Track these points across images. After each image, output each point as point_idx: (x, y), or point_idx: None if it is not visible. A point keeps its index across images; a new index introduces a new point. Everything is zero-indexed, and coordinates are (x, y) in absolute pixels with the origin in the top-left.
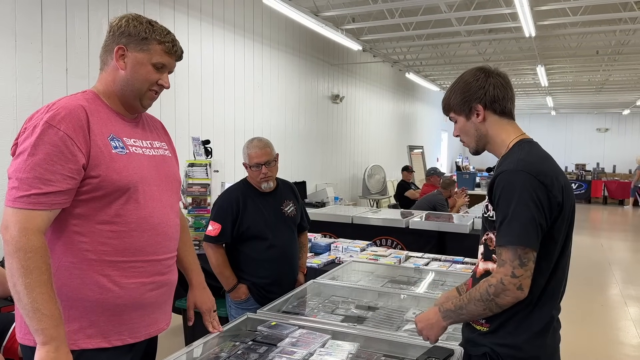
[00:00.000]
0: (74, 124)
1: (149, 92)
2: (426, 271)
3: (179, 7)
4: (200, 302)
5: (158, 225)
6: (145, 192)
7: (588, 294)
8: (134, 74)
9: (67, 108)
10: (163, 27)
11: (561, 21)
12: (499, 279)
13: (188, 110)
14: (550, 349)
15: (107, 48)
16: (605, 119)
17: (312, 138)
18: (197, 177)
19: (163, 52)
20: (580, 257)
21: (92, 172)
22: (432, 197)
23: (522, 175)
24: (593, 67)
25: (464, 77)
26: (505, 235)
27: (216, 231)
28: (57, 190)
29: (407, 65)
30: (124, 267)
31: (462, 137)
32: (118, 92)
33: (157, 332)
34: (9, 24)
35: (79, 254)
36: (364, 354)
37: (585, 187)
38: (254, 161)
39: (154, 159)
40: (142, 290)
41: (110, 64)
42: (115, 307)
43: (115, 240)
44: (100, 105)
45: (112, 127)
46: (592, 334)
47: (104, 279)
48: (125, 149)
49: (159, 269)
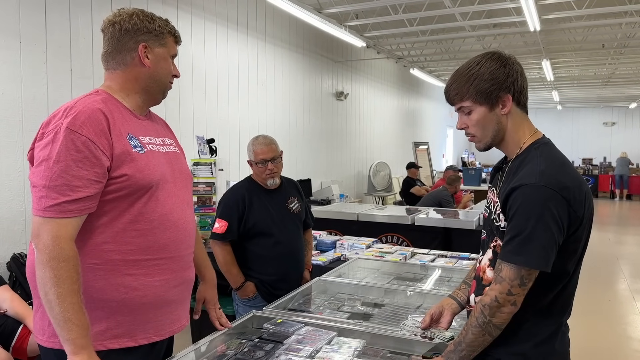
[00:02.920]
0: (95, 128)
1: (169, 84)
2: (432, 268)
3: (182, 6)
4: (210, 297)
5: (178, 222)
6: (164, 189)
7: (596, 289)
8: (159, 69)
9: (86, 112)
10: (163, 18)
11: (566, 15)
12: (493, 298)
13: (192, 109)
14: (560, 355)
15: (123, 47)
16: (612, 113)
17: (316, 135)
18: (202, 176)
19: (174, 43)
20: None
21: (115, 173)
22: (438, 194)
23: (544, 191)
24: (599, 61)
25: (483, 62)
26: (515, 253)
27: (223, 228)
28: (86, 196)
29: (411, 61)
30: (148, 265)
31: (474, 131)
32: (142, 88)
33: (180, 328)
34: (13, 25)
35: (103, 255)
36: (370, 351)
37: (592, 182)
38: (260, 157)
39: (168, 155)
40: (166, 287)
41: (129, 63)
42: (141, 306)
43: (138, 239)
44: (115, 105)
45: (129, 127)
46: (600, 329)
47: (129, 278)
48: (143, 147)
49: (181, 265)
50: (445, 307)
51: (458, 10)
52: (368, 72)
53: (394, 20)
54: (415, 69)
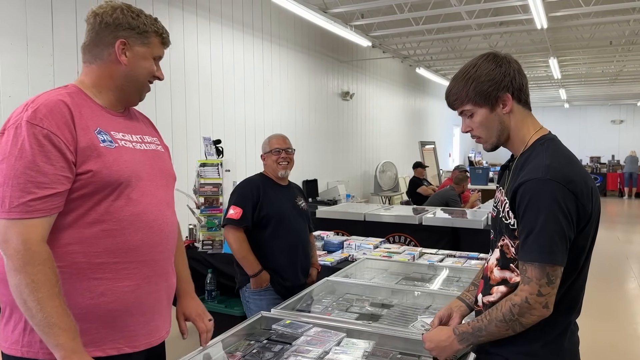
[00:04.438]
0: (57, 120)
1: (147, 84)
2: (440, 267)
3: (188, 8)
4: (190, 310)
5: (153, 223)
6: (138, 187)
7: (605, 288)
8: (137, 68)
9: (48, 104)
10: (152, 16)
11: (573, 12)
12: (523, 298)
13: (199, 110)
14: (569, 353)
15: (101, 41)
16: (620, 111)
17: (322, 136)
18: (209, 177)
19: (160, 44)
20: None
21: (80, 169)
22: (445, 193)
23: (551, 185)
24: (607, 58)
25: (480, 64)
26: (532, 251)
27: (238, 214)
28: (53, 193)
29: (417, 61)
30: (117, 269)
31: (479, 132)
32: (116, 87)
33: (158, 340)
34: (20, 28)
35: (67, 257)
36: (379, 352)
37: (600, 180)
38: (275, 146)
39: (146, 153)
40: (138, 294)
41: (105, 58)
42: (108, 313)
43: (106, 239)
44: (85, 100)
45: (98, 121)
46: (610, 329)
47: (95, 282)
48: (113, 142)
49: (156, 270)
50: (454, 309)
51: (464, 8)
52: (374, 71)
53: (400, 19)
54: (421, 68)
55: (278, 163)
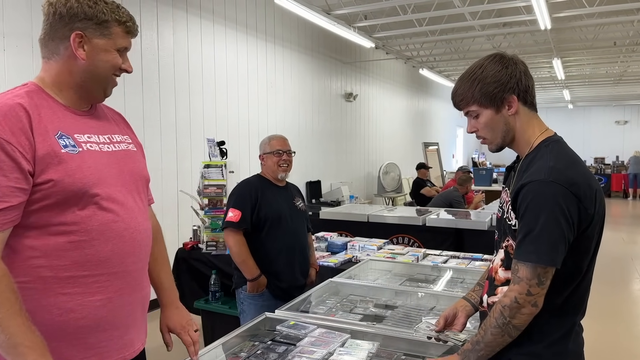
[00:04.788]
0: (11, 126)
1: (112, 79)
2: (444, 269)
3: (192, 10)
4: (173, 322)
5: (124, 231)
6: (106, 194)
7: (610, 290)
8: (97, 62)
9: (3, 109)
10: (115, 3)
11: (577, 12)
12: (512, 298)
13: (202, 112)
14: (574, 355)
15: (56, 34)
16: (624, 111)
17: (326, 137)
18: (213, 178)
19: (124, 33)
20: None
21: (40, 179)
22: (449, 194)
23: (553, 187)
24: (611, 59)
25: (486, 65)
26: (527, 251)
27: (237, 217)
28: (7, 207)
29: (420, 62)
30: (87, 282)
31: (484, 133)
32: (76, 84)
33: (133, 354)
34: (26, 30)
35: (32, 272)
36: (383, 353)
37: (604, 181)
38: (276, 148)
39: (115, 155)
40: (110, 308)
41: (62, 53)
42: (79, 330)
43: (74, 252)
44: (45, 100)
45: (60, 123)
46: (615, 330)
47: (64, 298)
48: (77, 147)
49: (128, 281)
50: (459, 309)
51: (467, 9)
52: (377, 72)
53: (403, 20)
54: (424, 69)
55: (279, 165)
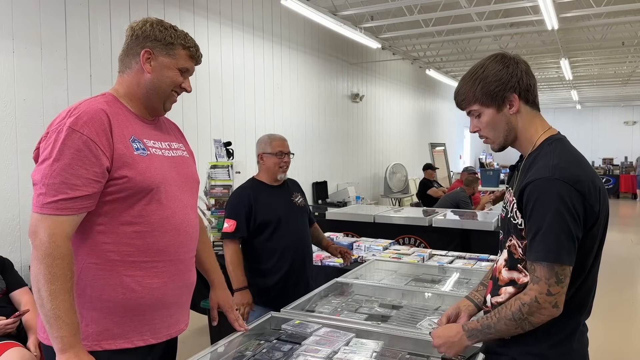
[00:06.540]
0: (96, 128)
1: (172, 94)
2: (450, 269)
3: (199, 11)
4: (223, 301)
5: (180, 225)
6: (166, 192)
7: (617, 291)
8: (160, 77)
9: (89, 112)
10: (184, 32)
11: (585, 12)
12: (533, 298)
13: (209, 113)
14: (578, 354)
15: (130, 51)
16: (633, 112)
17: (332, 138)
18: (220, 179)
19: (187, 56)
20: (609, 253)
21: (116, 174)
22: (455, 195)
23: (557, 184)
24: (619, 59)
25: (487, 64)
26: (540, 250)
27: (232, 227)
28: (83, 195)
29: (427, 62)
30: (147, 267)
31: (486, 132)
32: (142, 95)
33: (178, 332)
34: (35, 33)
35: (103, 255)
36: (388, 352)
37: (613, 182)
38: (278, 149)
39: (173, 160)
40: (165, 290)
41: (134, 68)
42: (138, 307)
43: (138, 240)
44: (120, 108)
45: (132, 129)
46: (622, 332)
47: (128, 279)
48: (146, 150)
49: (181, 268)
50: (462, 308)
51: (474, 10)
52: (383, 73)
53: (410, 21)
54: (431, 70)
55: (279, 167)
